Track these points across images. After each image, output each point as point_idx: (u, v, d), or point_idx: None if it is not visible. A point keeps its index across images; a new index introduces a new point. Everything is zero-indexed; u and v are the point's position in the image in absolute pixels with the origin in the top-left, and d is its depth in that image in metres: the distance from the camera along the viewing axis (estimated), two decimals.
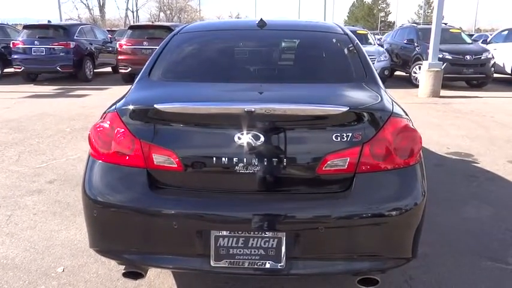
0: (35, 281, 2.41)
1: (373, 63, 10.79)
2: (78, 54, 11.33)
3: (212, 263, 1.82)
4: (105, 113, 2.02)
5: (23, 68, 11.21)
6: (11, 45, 11.31)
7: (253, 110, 1.75)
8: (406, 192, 1.89)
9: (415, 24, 13.90)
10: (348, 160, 1.82)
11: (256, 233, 1.80)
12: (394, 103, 2.10)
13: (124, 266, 1.98)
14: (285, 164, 1.82)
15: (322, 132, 1.84)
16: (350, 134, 1.82)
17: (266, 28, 2.75)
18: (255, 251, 1.81)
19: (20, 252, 2.72)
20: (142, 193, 1.85)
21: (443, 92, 9.88)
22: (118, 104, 2.00)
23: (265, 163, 1.81)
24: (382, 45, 13.75)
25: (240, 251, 1.81)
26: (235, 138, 1.79)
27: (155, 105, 1.82)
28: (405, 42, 12.38)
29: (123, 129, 1.90)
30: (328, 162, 1.81)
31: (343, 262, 1.87)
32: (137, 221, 1.86)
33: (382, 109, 1.91)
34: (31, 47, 11.05)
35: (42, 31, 11.50)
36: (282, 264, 1.80)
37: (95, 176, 1.93)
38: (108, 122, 1.94)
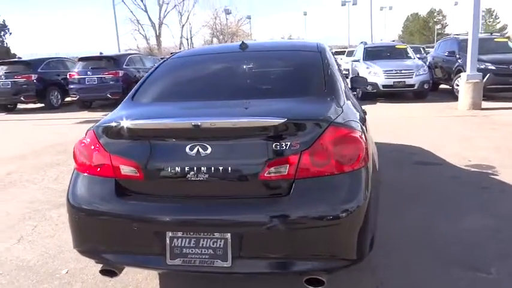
0: (41, 280, 2.76)
1: (411, 77, 10.73)
2: (127, 82, 12.21)
3: (168, 261, 2.04)
4: (87, 131, 2.34)
5: (78, 96, 12.33)
6: (68, 77, 12.47)
7: (199, 124, 1.98)
8: (346, 196, 2.01)
9: (456, 36, 13.51)
10: (288, 167, 1.98)
11: (205, 234, 2.01)
12: (345, 114, 2.24)
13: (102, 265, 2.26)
14: (230, 171, 2.02)
15: (263, 141, 2.02)
16: (289, 143, 1.98)
17: (247, 50, 3.00)
18: (205, 251, 2.01)
19: (35, 256, 3.10)
20: (110, 199, 2.13)
21: (486, 104, 9.51)
22: (96, 124, 2.31)
23: (213, 171, 2.02)
24: (422, 59, 13.49)
25: (192, 251, 2.02)
26: (187, 149, 2.03)
27: (120, 123, 2.11)
28: (446, 54, 12.07)
29: (97, 145, 2.20)
30: (269, 169, 1.99)
31: (287, 262, 2.01)
32: (106, 225, 2.14)
33: (321, 119, 2.06)
34: (85, 77, 12.12)
35: (95, 62, 12.59)
36: (229, 263, 1.99)
37: (76, 186, 2.25)
38: (87, 139, 2.26)
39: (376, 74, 11.30)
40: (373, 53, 12.80)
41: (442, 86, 13.22)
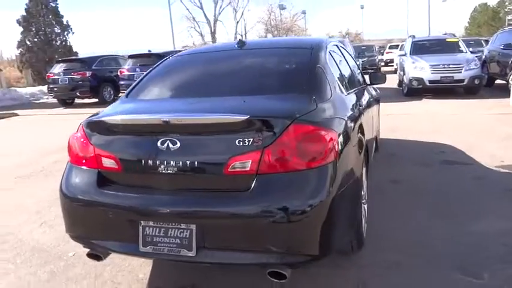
0: (49, 261, 3.02)
1: (460, 72, 10.19)
2: None
3: (140, 249, 2.17)
4: (79, 125, 2.53)
5: None
6: (119, 73, 13.16)
7: (168, 120, 2.09)
8: (306, 193, 2.03)
9: None
10: (250, 163, 2.04)
11: (173, 224, 2.12)
12: (319, 111, 2.25)
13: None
14: (196, 165, 2.11)
15: (228, 137, 2.08)
16: (251, 139, 2.04)
17: (242, 49, 3.07)
18: (172, 240, 2.12)
19: (50, 240, 3.38)
20: (91, 189, 2.30)
21: None
22: (86, 119, 2.49)
23: (181, 164, 2.12)
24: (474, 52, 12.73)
25: (161, 239, 2.14)
26: (158, 144, 2.14)
27: (102, 119, 2.27)
28: (502, 47, 11.29)
29: (85, 139, 2.38)
30: (233, 165, 2.05)
31: (248, 254, 2.07)
32: (89, 212, 2.31)
33: (284, 116, 2.08)
34: (134, 74, 12.71)
35: (143, 59, 13.17)
36: (193, 253, 2.08)
37: (67, 176, 2.44)
38: (78, 133, 2.45)
39: (423, 68, 10.83)
40: (421, 47, 12.27)
41: (498, 82, 12.40)
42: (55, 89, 14.14)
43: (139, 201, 2.20)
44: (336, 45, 3.68)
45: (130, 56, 13.92)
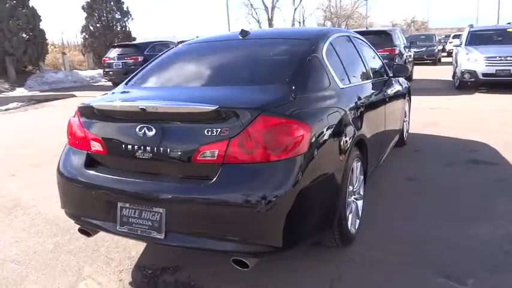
0: (56, 233, 3.27)
1: None
2: None
3: (118, 228, 2.32)
4: (76, 109, 2.70)
5: None
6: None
7: (144, 107, 2.19)
8: (269, 184, 2.05)
9: None
10: (217, 152, 2.09)
11: (146, 207, 2.23)
12: (295, 104, 2.26)
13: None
14: (169, 152, 2.20)
15: (198, 126, 2.15)
16: (219, 129, 2.09)
17: (245, 38, 3.10)
18: (145, 222, 2.24)
19: (64, 215, 3.62)
20: (79, 169, 2.47)
21: None
22: (80, 103, 2.66)
23: (155, 150, 2.22)
24: None
25: (135, 221, 2.26)
26: (137, 130, 2.26)
27: (91, 104, 2.43)
28: None
29: (79, 122, 2.55)
30: (201, 153, 2.12)
31: (212, 241, 2.14)
32: (76, 191, 2.49)
33: (251, 108, 2.10)
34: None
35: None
36: (162, 235, 2.19)
37: (64, 156, 2.63)
38: (74, 117, 2.62)
39: (476, 60, 10.17)
40: (478, 37, 11.49)
41: None
42: (110, 72, 14.93)
43: (118, 183, 2.33)
44: (347, 36, 3.60)
45: (180, 43, 14.27)
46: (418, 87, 10.82)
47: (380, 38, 10.87)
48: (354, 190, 2.90)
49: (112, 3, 22.15)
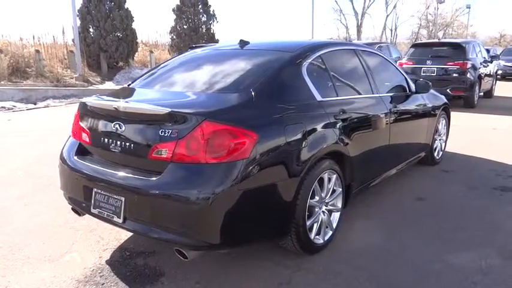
0: (69, 212, 3.71)
1: None
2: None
3: (91, 210, 2.66)
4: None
5: None
6: None
7: (116, 107, 2.50)
8: (208, 184, 2.25)
9: None
10: (167, 151, 2.33)
11: (112, 194, 2.54)
12: (247, 111, 2.45)
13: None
14: (132, 147, 2.49)
15: (155, 126, 2.41)
16: (171, 131, 2.33)
17: (245, 48, 3.31)
18: (110, 207, 2.55)
19: None
20: (71, 157, 2.87)
21: None
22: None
23: (123, 145, 2.53)
24: None
25: (104, 205, 2.59)
26: (112, 126, 2.58)
27: (83, 101, 2.80)
28: None
29: (77, 116, 2.95)
30: (156, 151, 2.38)
31: (157, 230, 2.38)
32: (68, 175, 2.88)
33: (198, 113, 2.32)
34: None
35: None
36: (121, 220, 2.49)
37: (65, 144, 3.06)
38: (76, 111, 3.03)
39: None
40: None
41: None
42: None
43: (95, 172, 2.67)
44: (352, 50, 3.62)
45: None
46: (491, 105, 10.09)
47: (452, 51, 10.31)
48: (326, 201, 2.94)
49: (200, 6, 23.44)
